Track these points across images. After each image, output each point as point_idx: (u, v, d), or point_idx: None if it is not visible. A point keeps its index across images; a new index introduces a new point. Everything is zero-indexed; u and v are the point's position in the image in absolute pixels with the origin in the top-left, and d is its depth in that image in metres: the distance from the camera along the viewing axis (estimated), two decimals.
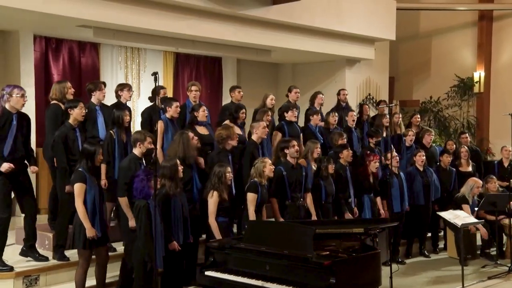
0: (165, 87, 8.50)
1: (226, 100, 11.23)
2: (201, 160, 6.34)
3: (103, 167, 5.96)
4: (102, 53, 9.75)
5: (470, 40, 13.94)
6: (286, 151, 6.56)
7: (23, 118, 5.65)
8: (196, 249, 5.99)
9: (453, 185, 8.55)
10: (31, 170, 5.82)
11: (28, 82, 8.24)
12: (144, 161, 5.69)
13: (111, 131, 6.22)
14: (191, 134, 6.07)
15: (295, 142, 6.67)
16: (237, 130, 6.98)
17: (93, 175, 5.29)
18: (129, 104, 7.32)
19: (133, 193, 5.15)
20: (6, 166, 5.41)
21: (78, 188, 5.16)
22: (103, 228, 5.32)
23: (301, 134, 8.07)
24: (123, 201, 5.44)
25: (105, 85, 6.81)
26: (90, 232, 5.15)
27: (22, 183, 5.68)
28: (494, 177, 8.65)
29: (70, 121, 5.87)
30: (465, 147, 9.19)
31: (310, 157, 6.97)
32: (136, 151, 5.64)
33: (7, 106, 5.49)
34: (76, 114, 5.86)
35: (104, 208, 5.56)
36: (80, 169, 5.22)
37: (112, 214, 6.52)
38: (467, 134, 9.94)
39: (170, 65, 10.68)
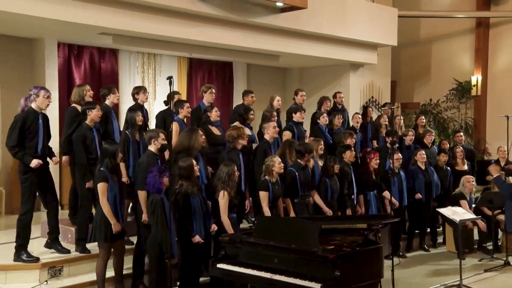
0: (180, 92, 8.52)
1: (237, 103, 11.25)
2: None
3: (122, 165, 5.96)
4: (121, 59, 9.82)
5: (468, 45, 13.87)
6: (303, 158, 6.53)
7: (46, 118, 5.72)
8: (209, 243, 5.97)
9: (448, 183, 8.52)
10: (54, 161, 5.90)
11: (52, 86, 8.31)
12: (159, 157, 5.72)
13: (126, 132, 6.24)
14: (200, 132, 6.07)
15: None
16: (247, 131, 6.97)
17: (114, 173, 5.32)
18: (145, 106, 7.34)
19: (146, 187, 5.19)
20: (35, 162, 5.47)
21: (101, 187, 5.19)
22: (122, 223, 5.36)
23: (311, 134, 8.12)
24: (142, 194, 5.44)
25: (117, 89, 6.84)
26: (116, 227, 5.19)
27: (46, 179, 5.73)
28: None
29: (87, 121, 5.90)
30: (460, 147, 9.17)
31: (315, 154, 6.97)
32: (152, 147, 5.65)
33: (33, 105, 5.56)
34: (94, 115, 5.90)
35: (123, 203, 5.59)
36: (102, 169, 5.25)
37: (130, 210, 6.56)
38: (461, 133, 9.90)
39: (184, 70, 10.73)
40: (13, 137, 5.42)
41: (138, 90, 6.99)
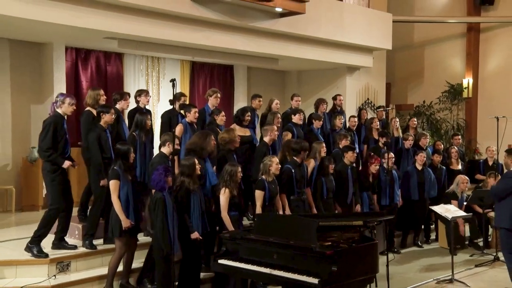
0: (185, 94, 8.52)
1: (237, 104, 11.27)
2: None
3: None
4: (126, 62, 9.82)
5: (459, 49, 13.90)
6: (299, 155, 6.56)
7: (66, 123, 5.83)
8: (214, 240, 6.00)
9: (443, 182, 8.54)
10: (75, 166, 5.96)
11: (60, 89, 8.34)
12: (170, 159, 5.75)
13: (133, 133, 6.26)
14: (213, 137, 6.07)
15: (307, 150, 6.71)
16: (240, 131, 6.92)
17: (127, 172, 5.37)
18: (148, 108, 7.35)
19: (151, 183, 5.22)
20: (67, 163, 5.59)
21: (113, 185, 5.25)
22: (137, 219, 5.41)
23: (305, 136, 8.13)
24: None
25: (129, 96, 6.90)
26: (125, 223, 5.25)
27: (67, 180, 5.82)
28: (499, 174, 8.56)
29: (101, 123, 5.93)
30: (455, 147, 9.20)
31: (317, 156, 6.99)
32: (165, 150, 5.72)
33: (59, 111, 5.65)
34: (108, 118, 5.94)
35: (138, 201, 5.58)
36: (115, 168, 5.32)
37: None
38: (459, 136, 9.95)
39: (187, 73, 10.73)
40: (47, 140, 5.49)
41: (140, 93, 7.03)
